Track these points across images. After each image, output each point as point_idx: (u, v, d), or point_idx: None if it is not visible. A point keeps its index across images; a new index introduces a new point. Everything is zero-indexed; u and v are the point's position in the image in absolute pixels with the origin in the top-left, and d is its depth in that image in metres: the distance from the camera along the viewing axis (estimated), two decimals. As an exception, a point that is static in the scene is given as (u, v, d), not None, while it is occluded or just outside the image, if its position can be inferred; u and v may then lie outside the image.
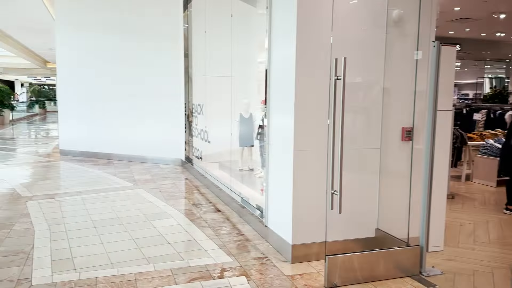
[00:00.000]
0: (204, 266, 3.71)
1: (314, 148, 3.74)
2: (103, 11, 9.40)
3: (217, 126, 7.38)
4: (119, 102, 9.45)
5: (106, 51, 9.49)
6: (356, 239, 4.05)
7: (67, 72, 10.07)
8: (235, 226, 4.87)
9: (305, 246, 3.81)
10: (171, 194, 6.40)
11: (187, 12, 8.26)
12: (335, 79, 3.12)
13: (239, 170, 6.81)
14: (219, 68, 7.26)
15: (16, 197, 6.06)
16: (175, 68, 8.79)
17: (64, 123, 10.25)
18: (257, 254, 4.02)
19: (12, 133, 16.58)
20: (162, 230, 4.69)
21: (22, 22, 15.25)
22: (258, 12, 7.23)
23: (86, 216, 5.18)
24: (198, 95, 8.05)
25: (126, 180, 7.34)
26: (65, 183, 7.17)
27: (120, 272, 3.54)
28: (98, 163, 9.11)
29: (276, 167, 4.13)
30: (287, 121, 3.79)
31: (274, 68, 4.11)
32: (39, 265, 3.67)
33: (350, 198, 3.68)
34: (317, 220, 3.76)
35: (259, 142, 6.66)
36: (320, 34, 3.64)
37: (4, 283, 3.33)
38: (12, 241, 4.28)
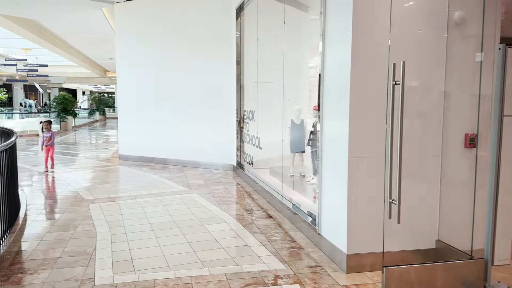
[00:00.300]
0: (258, 272, 3.72)
1: (370, 154, 3.65)
2: (159, 22, 9.78)
3: (268, 132, 7.42)
4: (173, 109, 9.77)
5: (161, 59, 9.85)
6: (415, 250, 3.89)
7: (126, 81, 10.57)
8: (287, 233, 4.85)
9: (360, 256, 3.71)
10: (224, 199, 6.49)
11: (240, 20, 8.39)
12: (393, 84, 3.03)
13: (290, 176, 6.78)
14: (271, 75, 7.30)
15: (79, 200, 6.41)
16: (228, 75, 8.95)
17: (123, 130, 10.75)
18: (311, 262, 3.97)
19: (75, 138, 17.60)
20: (216, 234, 4.77)
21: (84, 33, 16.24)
22: (310, 17, 7.22)
23: (144, 219, 5.38)
24: (250, 102, 8.13)
25: (181, 185, 7.55)
26: (124, 187, 7.50)
27: (177, 275, 3.64)
28: (154, 167, 9.45)
29: (329, 174, 4.07)
30: (341, 127, 3.73)
31: (328, 73, 4.06)
32: (101, 266, 3.85)
33: (409, 207, 3.56)
34: (374, 230, 3.66)
35: (310, 148, 6.61)
36: (376, 37, 3.56)
37: (70, 282, 3.52)
38: (76, 242, 4.53)
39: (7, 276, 3.64)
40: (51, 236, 4.72)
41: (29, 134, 18.25)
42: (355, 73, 3.56)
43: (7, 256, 4.04)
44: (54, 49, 19.55)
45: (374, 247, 3.69)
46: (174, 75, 9.69)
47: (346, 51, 3.59)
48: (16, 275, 3.66)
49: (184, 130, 9.64)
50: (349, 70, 3.55)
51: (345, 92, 3.64)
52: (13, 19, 13.23)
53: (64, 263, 3.93)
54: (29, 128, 19.37)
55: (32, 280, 3.55)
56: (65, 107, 20.44)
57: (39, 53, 24.87)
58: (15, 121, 23.96)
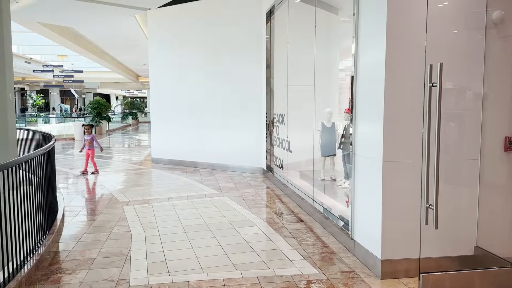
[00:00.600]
0: (290, 276, 3.70)
1: (406, 158, 3.57)
2: (190, 28, 9.94)
3: (298, 135, 7.39)
4: (204, 112, 9.89)
5: (192, 64, 10.01)
6: (452, 256, 3.77)
7: (159, 85, 10.79)
8: (319, 237, 4.81)
9: (395, 261, 3.63)
10: (254, 203, 6.50)
11: (269, 24, 8.42)
12: (430, 86, 2.97)
13: (321, 180, 6.73)
14: (301, 78, 7.28)
15: (114, 202, 6.58)
16: (257, 79, 8.99)
17: (155, 133, 10.97)
18: (344, 267, 3.92)
19: (109, 142, 18.08)
20: (247, 237, 4.78)
21: (118, 40, 16.70)
22: (340, 19, 7.17)
23: (177, 221, 5.46)
24: (280, 105, 8.13)
25: (212, 188, 7.62)
26: (157, 189, 7.64)
27: (210, 277, 3.67)
28: (186, 171, 9.58)
29: (363, 178, 4.01)
30: (375, 129, 3.67)
31: (361, 74, 4.01)
32: (136, 267, 3.93)
33: (446, 213, 3.47)
34: (409, 235, 3.58)
35: (342, 151, 6.54)
36: (411, 38, 3.48)
37: (106, 283, 3.61)
38: (111, 243, 4.65)
39: (47, 276, 3.77)
40: (87, 237, 4.86)
41: (65, 138, 18.89)
42: (390, 75, 3.49)
43: (46, 256, 4.19)
44: (89, 55, 20.20)
45: (410, 253, 3.61)
46: (205, 79, 9.82)
47: (381, 52, 3.54)
48: (55, 275, 3.78)
49: (214, 134, 9.74)
50: (384, 71, 3.49)
51: (379, 94, 3.58)
52: (50, 27, 13.78)
53: (100, 263, 4.03)
54: (65, 132, 20.07)
55: (70, 280, 3.66)
56: (100, 111, 21.05)
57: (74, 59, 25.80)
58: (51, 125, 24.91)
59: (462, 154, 3.74)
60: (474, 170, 3.74)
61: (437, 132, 2.95)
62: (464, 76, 3.74)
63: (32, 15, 11.68)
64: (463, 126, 3.78)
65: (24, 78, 33.35)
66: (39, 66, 27.79)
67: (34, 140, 9.19)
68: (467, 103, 3.79)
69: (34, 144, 9.01)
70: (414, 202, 3.59)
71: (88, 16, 11.94)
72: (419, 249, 3.31)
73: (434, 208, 2.99)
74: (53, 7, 10.61)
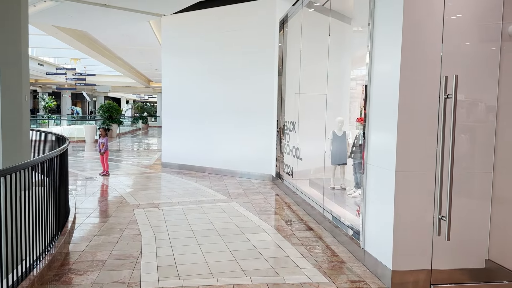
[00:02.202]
0: (300, 284, 3.70)
1: (419, 169, 3.57)
2: (202, 34, 10.04)
3: (309, 143, 7.40)
4: (214, 118, 9.95)
5: (203, 71, 10.10)
6: (463, 269, 3.75)
7: (170, 91, 10.89)
8: (328, 246, 4.80)
9: (406, 272, 3.61)
10: (263, 209, 6.51)
11: (282, 32, 8.47)
12: (445, 97, 2.97)
13: (331, 189, 6.72)
14: (313, 86, 7.31)
15: (124, 205, 6.63)
16: (269, 86, 9.03)
17: (166, 138, 11.06)
18: (353, 277, 3.91)
19: (119, 145, 18.22)
20: (257, 244, 4.79)
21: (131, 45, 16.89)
22: (353, 29, 7.20)
23: (186, 225, 5.49)
24: (291, 113, 8.16)
25: (221, 193, 7.64)
26: (167, 193, 7.68)
27: (220, 283, 3.68)
28: (195, 175, 9.62)
29: (375, 188, 4.01)
30: (388, 139, 3.68)
31: (375, 84, 4.02)
32: (147, 270, 3.96)
33: (458, 225, 3.46)
34: (420, 246, 3.56)
35: (352, 160, 6.53)
36: (426, 49, 3.50)
37: (117, 285, 3.64)
38: (122, 245, 4.68)
39: (59, 276, 3.81)
40: (98, 239, 4.90)
41: (76, 140, 19.07)
42: (404, 85, 3.50)
43: (58, 257, 4.23)
44: (102, 59, 20.42)
45: (420, 264, 3.60)
46: (217, 86, 9.89)
47: (395, 62, 3.55)
48: (66, 275, 3.82)
49: (224, 140, 9.79)
50: (398, 81, 3.50)
51: (393, 104, 3.59)
52: (65, 30, 13.98)
53: (111, 265, 4.07)
54: (76, 135, 20.26)
55: (81, 281, 3.69)
56: (111, 115, 21.23)
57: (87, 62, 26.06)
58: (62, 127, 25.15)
59: (475, 166, 3.72)
60: (487, 183, 3.73)
61: (452, 143, 2.95)
62: (478, 88, 3.74)
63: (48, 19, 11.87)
64: (477, 138, 3.76)
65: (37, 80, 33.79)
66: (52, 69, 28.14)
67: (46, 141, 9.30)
68: (481, 115, 3.78)
69: (46, 146, 9.12)
70: (426, 213, 3.58)
71: (103, 21, 12.11)
72: (431, 261, 3.29)
73: (446, 220, 2.98)
74: (69, 11, 10.78)
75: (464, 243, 3.72)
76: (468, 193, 3.74)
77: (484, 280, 3.67)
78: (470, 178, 3.72)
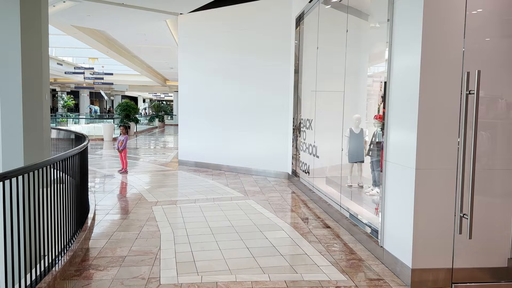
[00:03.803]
0: (318, 282, 3.69)
1: (439, 166, 3.51)
2: (219, 33, 10.07)
3: (326, 141, 7.36)
4: (230, 116, 9.98)
5: (219, 69, 10.13)
6: (485, 268, 3.68)
7: (187, 89, 10.96)
8: (346, 244, 4.77)
9: (426, 271, 3.57)
10: (280, 207, 6.51)
11: (299, 29, 8.44)
12: (467, 93, 2.92)
13: (348, 187, 6.67)
14: (330, 83, 7.26)
15: (143, 202, 6.71)
16: (285, 83, 9.01)
17: (182, 136, 11.14)
18: (372, 275, 3.88)
19: (136, 143, 18.42)
20: (274, 241, 4.79)
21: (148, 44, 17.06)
22: (370, 25, 7.12)
23: (204, 222, 5.53)
24: (307, 110, 8.12)
25: (237, 191, 7.66)
26: (184, 190, 7.74)
27: (238, 279, 3.69)
28: (211, 173, 9.67)
29: (394, 186, 3.97)
30: (409, 137, 3.63)
31: (394, 81, 3.97)
32: (166, 266, 4.00)
33: (479, 223, 3.40)
34: (441, 244, 3.52)
35: (370, 158, 6.47)
36: (447, 45, 3.44)
37: (137, 280, 3.69)
38: (141, 242, 4.74)
39: (80, 271, 3.88)
40: (118, 235, 4.97)
41: (94, 139, 19.36)
42: (425, 81, 3.45)
43: (79, 253, 4.31)
44: (119, 58, 20.68)
45: (441, 263, 3.55)
46: (233, 84, 9.92)
47: (415, 58, 3.50)
48: (87, 271, 3.89)
49: (240, 137, 9.81)
50: (419, 78, 3.45)
51: (413, 101, 3.54)
52: (83, 30, 14.20)
53: (131, 261, 4.12)
54: (94, 133, 20.57)
55: (102, 277, 3.75)
56: (128, 113, 21.48)
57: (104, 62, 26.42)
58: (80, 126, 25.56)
59: (497, 163, 3.65)
60: (509, 180, 3.65)
61: (474, 140, 2.90)
62: (500, 84, 3.66)
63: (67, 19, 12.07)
64: (498, 135, 3.69)
65: (56, 79, 34.41)
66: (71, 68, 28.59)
67: (66, 140, 9.47)
68: (503, 112, 3.70)
69: (66, 144, 9.28)
70: (447, 211, 3.53)
71: (121, 20, 12.25)
72: (452, 259, 3.24)
73: (468, 218, 2.93)
74: (88, 11, 10.95)
75: (485, 242, 3.65)
76: (489, 190, 3.67)
77: (506, 279, 3.60)
78: (491, 176, 3.65)
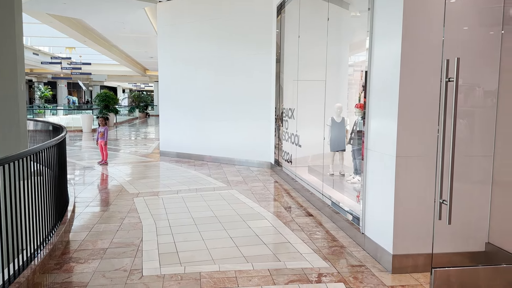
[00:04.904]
0: (301, 269, 3.72)
1: (419, 154, 3.56)
2: (199, 22, 9.92)
3: (308, 130, 7.39)
4: (212, 106, 9.90)
5: (200, 58, 10.00)
6: (463, 252, 3.77)
7: (167, 79, 10.80)
8: (328, 232, 4.82)
9: (406, 256, 3.64)
10: (263, 196, 6.52)
11: (280, 18, 8.39)
12: (446, 81, 2.95)
13: (330, 175, 6.73)
14: (311, 72, 7.26)
15: (124, 193, 6.62)
16: (267, 73, 8.97)
17: (164, 127, 11.00)
18: (354, 261, 3.93)
19: (116, 134, 18.15)
20: (257, 230, 4.80)
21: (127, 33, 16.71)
22: (351, 14, 7.13)
23: (187, 213, 5.50)
24: (289, 99, 8.12)
25: (220, 181, 7.64)
26: (166, 181, 7.68)
27: (222, 269, 3.69)
28: (193, 164, 9.61)
29: (375, 173, 4.01)
30: (389, 125, 3.67)
31: (375, 69, 3.99)
32: (148, 257, 3.96)
33: (458, 209, 3.46)
34: (421, 230, 3.58)
35: (351, 146, 6.53)
36: (427, 34, 3.46)
37: (119, 272, 3.65)
38: (123, 234, 4.69)
39: (60, 265, 3.81)
40: (99, 227, 4.90)
41: (73, 130, 18.99)
42: (405, 70, 3.48)
43: (58, 246, 4.23)
44: (97, 47, 20.23)
45: (421, 248, 3.61)
46: (214, 73, 9.81)
47: (396, 47, 3.52)
48: (68, 264, 3.83)
49: (222, 127, 9.75)
50: (399, 66, 3.47)
51: (394, 89, 3.57)
52: (59, 18, 13.79)
53: (112, 253, 4.07)
54: (73, 124, 20.17)
55: (83, 269, 3.70)
56: (107, 104, 21.11)
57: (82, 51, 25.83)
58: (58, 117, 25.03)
59: (476, 150, 3.72)
60: (488, 166, 3.73)
61: (453, 127, 2.93)
62: (479, 72, 3.72)
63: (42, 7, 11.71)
64: (477, 122, 3.76)
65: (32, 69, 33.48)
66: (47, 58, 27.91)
67: (44, 131, 9.26)
68: (482, 100, 3.77)
69: (44, 135, 9.08)
70: (427, 197, 3.59)
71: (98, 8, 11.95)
72: (432, 244, 3.31)
73: (448, 204, 2.98)
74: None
75: (464, 227, 3.74)
76: (468, 177, 3.75)
77: (484, 263, 3.70)
78: (470, 162, 3.72)
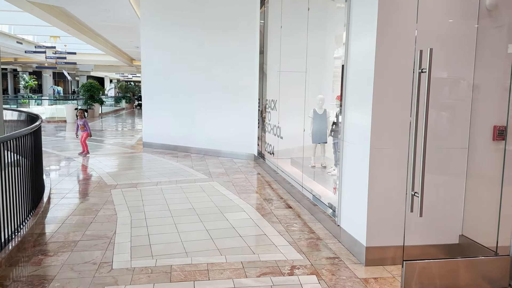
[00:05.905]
0: (274, 261, 3.69)
1: (393, 146, 3.54)
2: (183, 11, 9.77)
3: (290, 122, 7.34)
4: (196, 97, 9.79)
5: (184, 48, 9.87)
6: (437, 245, 3.78)
7: (150, 69, 10.64)
8: (306, 224, 4.79)
9: (380, 249, 3.62)
10: (243, 188, 6.47)
11: (264, 8, 8.29)
12: (419, 72, 2.91)
13: (311, 167, 6.71)
14: (294, 64, 7.19)
15: (102, 185, 6.52)
16: (251, 64, 8.88)
17: (147, 118, 10.86)
18: (329, 253, 3.91)
19: (101, 125, 17.92)
20: (234, 223, 4.76)
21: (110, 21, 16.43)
22: (336, 6, 7.05)
23: (164, 205, 5.43)
24: (272, 91, 8.06)
25: (202, 173, 7.57)
26: (147, 173, 7.58)
27: (194, 262, 3.64)
28: (177, 155, 9.52)
29: (350, 165, 3.98)
30: (364, 117, 3.63)
31: (351, 63, 3.94)
32: (120, 250, 3.89)
33: (432, 201, 3.45)
34: (394, 223, 3.56)
35: (332, 139, 6.50)
36: (402, 27, 3.42)
37: (89, 265, 3.58)
38: (96, 226, 4.60)
39: (28, 257, 3.72)
40: (73, 219, 4.81)
41: (57, 120, 18.70)
42: (380, 62, 3.43)
43: (29, 238, 4.14)
44: (82, 37, 19.89)
45: (395, 241, 3.60)
46: (198, 64, 9.69)
47: (371, 39, 3.47)
48: (36, 257, 3.74)
49: (206, 119, 9.66)
50: (374, 58, 3.43)
51: (368, 81, 3.53)
52: (40, 6, 13.48)
53: (84, 246, 3.99)
54: (57, 115, 19.86)
55: (51, 262, 3.62)
56: (92, 94, 20.78)
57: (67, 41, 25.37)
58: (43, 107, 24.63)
59: (451, 142, 3.71)
60: (462, 159, 3.73)
61: (425, 118, 2.90)
62: (455, 65, 3.70)
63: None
64: (453, 115, 3.74)
65: (16, 59, 32.86)
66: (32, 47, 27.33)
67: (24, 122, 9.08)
68: (457, 92, 3.75)
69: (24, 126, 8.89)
70: (400, 189, 3.56)
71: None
72: (403, 237, 3.29)
73: (419, 196, 2.96)
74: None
75: (438, 219, 3.74)
76: (443, 169, 3.74)
77: (457, 256, 3.70)
78: (445, 155, 3.71)
